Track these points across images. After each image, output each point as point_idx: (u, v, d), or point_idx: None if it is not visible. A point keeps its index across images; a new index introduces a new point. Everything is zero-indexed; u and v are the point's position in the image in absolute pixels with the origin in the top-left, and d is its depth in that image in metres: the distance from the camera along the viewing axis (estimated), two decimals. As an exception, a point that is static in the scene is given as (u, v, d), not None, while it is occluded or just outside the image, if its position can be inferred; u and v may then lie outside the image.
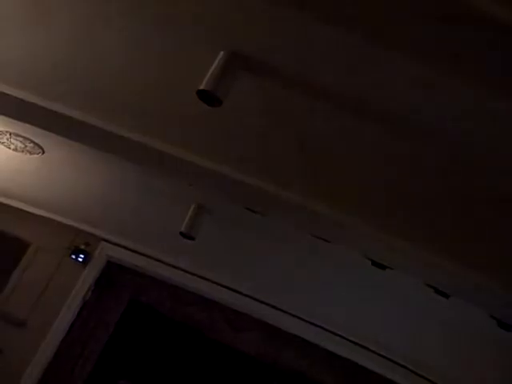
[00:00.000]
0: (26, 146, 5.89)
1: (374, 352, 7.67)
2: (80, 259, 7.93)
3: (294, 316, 7.81)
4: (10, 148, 6.01)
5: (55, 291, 7.88)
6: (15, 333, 7.75)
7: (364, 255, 5.32)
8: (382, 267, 5.39)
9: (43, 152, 6.00)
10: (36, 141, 5.79)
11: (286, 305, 7.72)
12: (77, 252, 7.92)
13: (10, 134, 5.72)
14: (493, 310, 5.18)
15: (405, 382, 7.66)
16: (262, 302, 7.80)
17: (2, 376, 7.57)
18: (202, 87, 3.49)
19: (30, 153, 6.02)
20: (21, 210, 7.80)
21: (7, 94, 4.44)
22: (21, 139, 5.77)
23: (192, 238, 6.31)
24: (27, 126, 5.19)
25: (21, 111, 4.77)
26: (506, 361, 6.04)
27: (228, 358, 9.07)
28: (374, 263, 5.39)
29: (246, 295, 7.81)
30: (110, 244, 7.98)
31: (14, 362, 7.67)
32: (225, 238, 6.73)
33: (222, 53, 3.49)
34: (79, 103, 4.48)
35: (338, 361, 8.03)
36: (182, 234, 6.25)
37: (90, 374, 8.36)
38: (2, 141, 5.88)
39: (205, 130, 4.42)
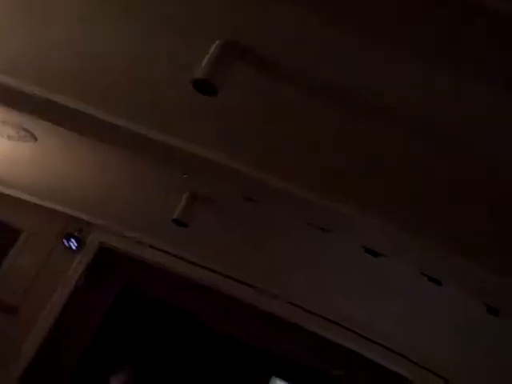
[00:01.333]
0: (18, 134, 5.84)
1: (370, 340, 7.69)
2: (72, 245, 7.91)
3: (289, 303, 7.80)
4: (2, 136, 5.95)
5: (47, 277, 7.87)
6: (6, 319, 7.75)
7: (358, 243, 5.33)
8: (375, 254, 5.40)
9: (36, 140, 5.95)
10: (28, 129, 5.74)
11: (281, 292, 7.71)
12: (69, 238, 7.90)
13: (2, 122, 5.67)
14: (483, 295, 5.21)
15: (400, 370, 7.71)
16: (256, 289, 7.79)
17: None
18: (197, 76, 3.44)
19: (23, 141, 5.96)
20: (13, 197, 7.72)
21: (-1, 83, 4.40)
22: (13, 127, 5.72)
23: (185, 225, 6.29)
24: (19, 114, 5.16)
25: (12, 99, 4.73)
26: (498, 349, 6.08)
27: (221, 345, 9.12)
28: (368, 250, 5.40)
29: (240, 281, 7.80)
30: (103, 230, 7.95)
31: (5, 348, 7.66)
32: (219, 225, 6.71)
33: (217, 42, 3.44)
34: (71, 91, 4.45)
35: (334, 348, 8.04)
36: (175, 220, 6.23)
37: (79, 362, 8.39)
38: (-6, 129, 5.83)
39: (199, 119, 4.39)
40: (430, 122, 3.37)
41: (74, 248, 7.91)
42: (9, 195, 7.72)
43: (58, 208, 7.73)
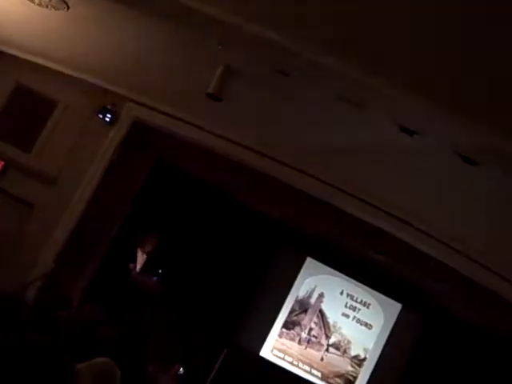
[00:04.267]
0: (50, 1, 5.74)
1: (394, 216, 7.73)
2: (107, 119, 7.94)
3: (321, 181, 7.77)
4: (34, 2, 5.86)
5: (83, 150, 7.98)
6: (47, 189, 7.96)
7: (393, 120, 5.27)
8: (410, 133, 5.36)
9: (68, 7, 5.86)
10: (60, -5, 5.66)
11: (317, 171, 7.68)
12: (104, 111, 7.92)
13: (34, -13, 5.59)
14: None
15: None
16: (291, 167, 7.76)
17: (34, 230, 7.86)
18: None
19: (55, 8, 5.87)
20: (47, 67, 7.68)
21: None
22: (44, -7, 5.64)
23: (219, 100, 6.28)
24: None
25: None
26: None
27: (254, 222, 9.26)
28: (403, 129, 5.35)
29: (272, 158, 7.79)
30: (137, 104, 7.94)
31: (46, 216, 7.94)
32: (252, 100, 6.67)
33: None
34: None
35: (371, 230, 8.07)
36: (209, 94, 6.22)
37: (118, 230, 8.68)
38: (26, -4, 5.75)
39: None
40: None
41: (108, 121, 7.95)
42: (44, 66, 7.68)
43: (93, 80, 7.70)
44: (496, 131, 4.52)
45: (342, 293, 9.81)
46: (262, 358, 9.74)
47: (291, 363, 9.75)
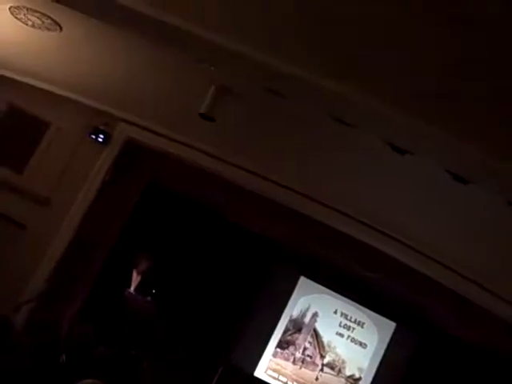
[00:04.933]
0: (43, 23, 5.76)
1: (386, 234, 7.76)
2: (100, 139, 7.95)
3: (317, 202, 7.81)
4: (27, 24, 5.88)
5: (76, 170, 7.98)
6: (39, 210, 7.94)
7: (384, 140, 5.29)
8: (402, 152, 5.37)
9: (61, 29, 5.88)
10: (53, 17, 5.67)
11: (308, 190, 7.71)
12: (96, 132, 7.93)
13: (27, 10, 5.60)
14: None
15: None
16: (282, 187, 7.79)
17: (25, 251, 7.83)
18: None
19: (48, 29, 5.90)
20: (40, 89, 7.69)
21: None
22: (38, 15, 5.65)
23: (212, 120, 6.30)
24: (44, 1, 5.09)
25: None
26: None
27: (246, 240, 9.25)
28: (394, 148, 5.37)
29: (265, 178, 7.82)
30: (130, 124, 7.96)
31: (38, 237, 7.92)
32: (245, 120, 6.69)
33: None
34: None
35: (360, 246, 8.09)
36: (201, 115, 6.23)
37: (112, 248, 8.65)
38: (18, 16, 5.76)
39: (226, 8, 4.31)
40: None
41: (101, 142, 7.96)
42: (37, 87, 7.69)
43: (86, 101, 7.71)
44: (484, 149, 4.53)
45: (336, 312, 9.79)
46: (257, 378, 9.68)
47: (286, 383, 9.70)
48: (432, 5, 3.49)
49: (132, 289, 8.87)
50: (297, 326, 9.87)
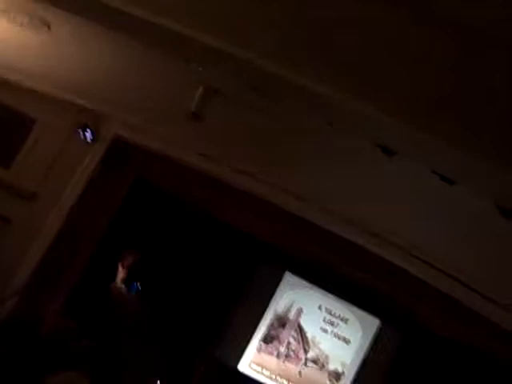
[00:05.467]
0: (31, 22, 5.75)
1: (371, 232, 7.79)
2: (87, 136, 7.93)
3: (302, 200, 7.78)
4: (15, 23, 5.87)
5: (63, 167, 7.95)
6: (25, 205, 7.92)
7: (373, 142, 5.34)
8: (391, 153, 5.43)
9: (49, 28, 5.87)
10: (42, 16, 5.66)
11: (294, 187, 7.72)
12: (84, 129, 7.91)
13: (16, 9, 5.59)
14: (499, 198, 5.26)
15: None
16: (268, 184, 7.80)
17: (11, 245, 7.82)
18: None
19: (36, 29, 5.89)
20: (28, 86, 7.64)
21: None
22: (26, 14, 5.63)
23: (199, 118, 6.32)
24: (33, 0, 5.07)
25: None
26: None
27: (232, 238, 9.28)
28: (384, 150, 5.42)
29: (251, 175, 7.82)
30: (117, 122, 7.94)
31: (24, 231, 7.90)
32: (233, 119, 6.71)
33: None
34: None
35: (350, 247, 8.13)
36: (190, 114, 6.26)
37: (97, 244, 8.67)
38: (7, 15, 5.74)
39: (214, 8, 4.33)
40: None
41: (88, 139, 7.95)
42: (23, 85, 7.66)
43: (73, 98, 7.66)
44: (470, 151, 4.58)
45: (320, 307, 9.85)
46: (240, 373, 9.74)
47: (269, 377, 9.77)
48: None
49: (118, 282, 8.88)
50: (281, 321, 9.93)
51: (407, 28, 3.97)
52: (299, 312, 9.89)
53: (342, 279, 9.39)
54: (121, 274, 8.92)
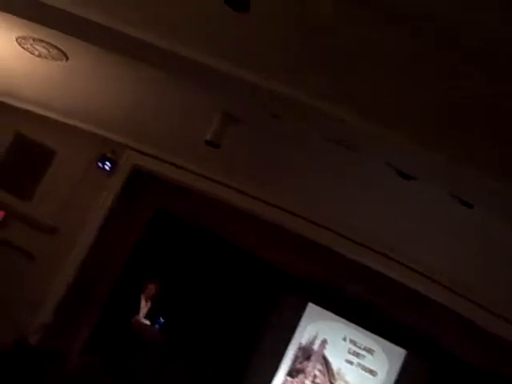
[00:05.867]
0: (49, 52, 5.85)
1: (394, 260, 7.73)
2: (107, 167, 8.00)
3: (321, 226, 7.82)
4: (34, 54, 5.97)
5: (83, 198, 8.03)
6: (47, 239, 7.97)
7: (390, 165, 5.28)
8: (407, 177, 5.37)
9: (67, 58, 5.96)
10: (60, 47, 5.75)
11: (313, 215, 7.72)
12: (103, 160, 7.99)
13: (34, 40, 5.69)
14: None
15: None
16: (289, 213, 7.80)
17: (34, 281, 7.85)
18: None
19: (54, 59, 5.98)
20: (47, 117, 7.77)
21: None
22: (44, 45, 5.73)
23: (217, 146, 6.32)
24: (51, 31, 5.14)
25: (44, 15, 4.71)
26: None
27: (253, 267, 9.20)
28: (400, 173, 5.36)
29: (272, 204, 7.83)
30: (137, 152, 8.01)
31: (47, 266, 7.95)
32: (251, 147, 6.72)
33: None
34: (102, 7, 4.41)
35: (368, 272, 8.08)
36: (207, 142, 6.26)
37: (119, 276, 8.65)
38: (25, 46, 5.85)
39: (232, 37, 4.34)
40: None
41: (108, 169, 8.01)
42: (43, 116, 7.77)
43: (92, 129, 7.78)
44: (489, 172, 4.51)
45: (344, 339, 9.67)
46: (268, 407, 9.58)
47: (296, 411, 9.60)
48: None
49: (141, 316, 8.82)
50: (306, 353, 9.77)
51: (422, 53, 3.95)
52: (324, 343, 9.73)
53: (366, 310, 9.23)
54: (144, 307, 8.88)
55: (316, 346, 9.74)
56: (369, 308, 9.15)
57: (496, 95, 3.93)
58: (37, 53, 5.92)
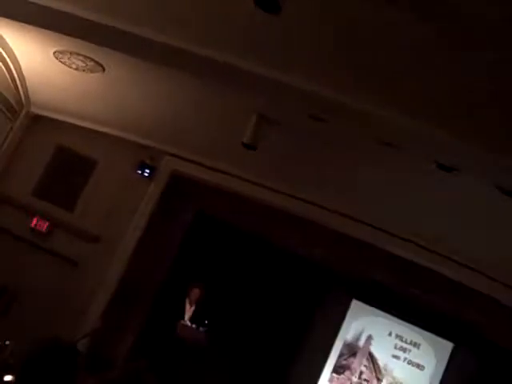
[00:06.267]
0: (86, 65, 5.95)
1: (437, 253, 7.69)
2: (146, 174, 8.10)
3: (365, 223, 7.84)
4: (71, 67, 6.08)
5: (124, 206, 8.14)
6: (90, 248, 8.10)
7: (430, 158, 5.24)
8: (448, 169, 5.32)
9: (104, 70, 6.05)
10: (96, 59, 5.84)
11: (354, 212, 7.70)
12: (142, 167, 8.09)
13: (71, 54, 5.78)
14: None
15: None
16: (329, 210, 7.81)
17: (79, 288, 7.97)
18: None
19: (91, 71, 6.07)
20: (87, 128, 7.93)
21: (67, 12, 4.45)
22: (81, 58, 5.83)
23: (254, 148, 6.34)
24: (87, 44, 5.22)
25: (80, 29, 4.79)
26: None
27: (295, 266, 9.21)
28: (440, 166, 5.32)
29: (311, 203, 7.84)
30: (175, 158, 8.09)
31: (91, 274, 8.07)
32: (288, 147, 6.72)
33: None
34: (139, 19, 4.46)
35: (411, 266, 8.07)
36: (244, 144, 6.28)
37: (163, 280, 8.73)
38: (63, 60, 5.95)
39: (266, 41, 4.35)
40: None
41: (147, 176, 8.10)
42: (83, 127, 7.92)
43: (131, 137, 7.89)
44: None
45: (390, 334, 9.62)
46: (314, 405, 9.57)
47: (344, 409, 9.57)
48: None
49: (186, 319, 8.89)
50: (351, 349, 9.74)
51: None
52: (369, 339, 9.69)
53: (410, 303, 9.17)
54: (189, 310, 8.94)
55: (362, 343, 9.71)
56: (413, 302, 9.09)
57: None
58: (74, 66, 6.03)
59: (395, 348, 9.57)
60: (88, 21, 4.49)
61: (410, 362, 9.54)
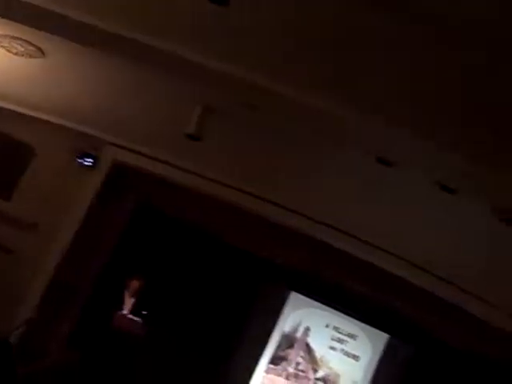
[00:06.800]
0: (26, 50, 5.81)
1: (375, 246, 7.82)
2: (87, 163, 7.99)
3: (305, 216, 7.90)
4: (11, 52, 5.93)
5: (64, 194, 8.02)
6: (27, 236, 7.94)
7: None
8: (388, 164, 5.39)
9: (44, 55, 5.92)
10: (36, 44, 5.71)
11: (295, 204, 7.77)
12: (83, 156, 7.98)
13: (11, 38, 5.64)
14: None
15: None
16: (272, 203, 7.85)
17: (14, 277, 7.81)
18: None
19: (31, 56, 5.94)
20: (26, 115, 7.73)
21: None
22: (21, 42, 5.69)
23: (198, 139, 6.33)
24: (27, 28, 5.11)
25: (20, 13, 4.68)
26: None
27: (234, 258, 9.25)
28: (380, 160, 5.37)
29: (253, 195, 7.87)
30: (116, 147, 8.00)
31: (26, 262, 7.92)
32: (232, 138, 6.72)
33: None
34: (80, 3, 4.38)
35: (350, 259, 8.17)
36: (188, 135, 6.26)
37: (101, 272, 8.65)
38: (3, 44, 5.81)
39: (212, 30, 4.33)
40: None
41: (88, 165, 8.00)
42: (23, 114, 7.73)
43: (72, 125, 7.75)
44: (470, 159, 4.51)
45: (327, 326, 9.78)
46: (250, 395, 9.65)
47: (279, 399, 9.67)
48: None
49: (125, 311, 8.83)
50: (289, 341, 9.85)
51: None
52: (307, 331, 9.82)
53: (348, 296, 9.33)
54: (128, 302, 8.88)
55: (299, 334, 9.83)
56: (350, 294, 9.25)
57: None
58: (14, 50, 5.88)
59: (332, 339, 9.73)
60: (29, 5, 4.38)
61: (346, 353, 9.71)
